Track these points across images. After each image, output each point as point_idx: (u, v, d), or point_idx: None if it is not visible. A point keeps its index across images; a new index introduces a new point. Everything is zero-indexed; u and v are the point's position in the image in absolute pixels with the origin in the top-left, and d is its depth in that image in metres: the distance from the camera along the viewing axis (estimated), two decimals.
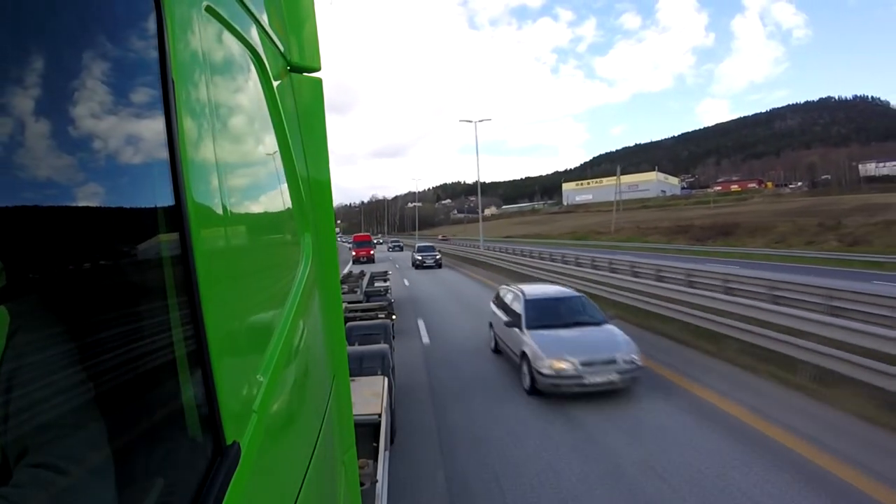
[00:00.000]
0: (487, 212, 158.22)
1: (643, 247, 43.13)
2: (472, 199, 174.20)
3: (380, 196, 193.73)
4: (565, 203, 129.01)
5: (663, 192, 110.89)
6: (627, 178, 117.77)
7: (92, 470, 0.57)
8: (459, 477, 4.63)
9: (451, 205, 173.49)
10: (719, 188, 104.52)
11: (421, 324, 11.96)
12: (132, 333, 0.64)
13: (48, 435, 0.54)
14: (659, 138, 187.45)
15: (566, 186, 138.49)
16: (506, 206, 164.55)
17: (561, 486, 4.43)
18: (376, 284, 12.61)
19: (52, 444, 0.54)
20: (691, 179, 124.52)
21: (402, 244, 60.14)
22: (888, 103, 65.03)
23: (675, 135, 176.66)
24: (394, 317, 8.87)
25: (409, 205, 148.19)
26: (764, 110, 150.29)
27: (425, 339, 10.52)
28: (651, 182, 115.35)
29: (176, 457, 0.73)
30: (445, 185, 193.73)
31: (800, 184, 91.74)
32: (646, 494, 4.23)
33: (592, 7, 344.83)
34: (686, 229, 49.82)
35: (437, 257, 29.93)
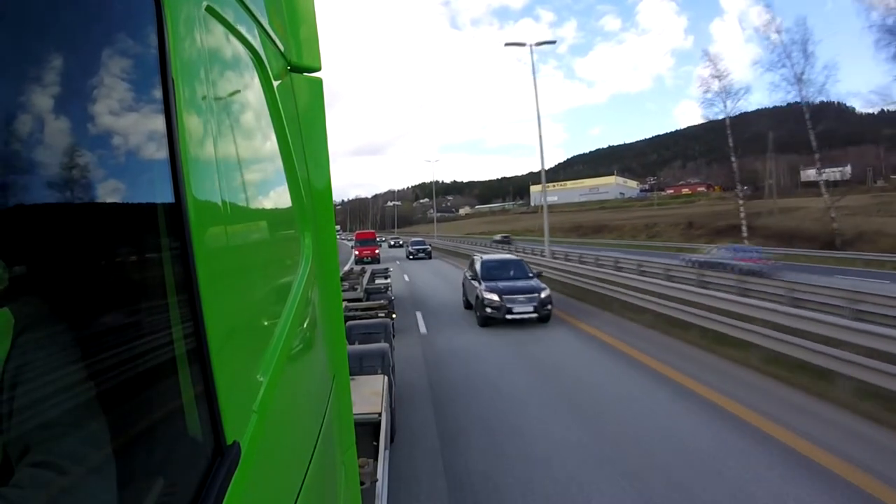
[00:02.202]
0: (462, 211, 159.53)
1: (545, 239, 55.69)
2: (450, 198, 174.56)
3: (361, 194, 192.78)
4: (533, 204, 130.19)
5: (622, 194, 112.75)
6: (591, 182, 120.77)
7: (93, 469, 0.54)
8: None
9: (429, 204, 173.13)
10: (672, 191, 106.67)
11: None
12: (133, 333, 0.61)
13: (50, 434, 0.52)
14: (632, 140, 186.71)
15: (534, 188, 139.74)
16: (479, 206, 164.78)
17: None
18: (377, 282, 11.96)
19: (54, 443, 0.52)
20: (653, 182, 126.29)
21: (429, 247, 35.58)
22: (853, 109, 66.01)
23: (648, 137, 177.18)
24: (394, 315, 8.45)
25: (389, 203, 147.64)
26: (734, 114, 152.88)
27: None
28: (611, 185, 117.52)
29: (176, 456, 0.70)
30: (424, 184, 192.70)
31: (745, 188, 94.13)
32: None
33: (573, 9, 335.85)
34: (578, 228, 61.34)
35: (544, 295, 9.88)
